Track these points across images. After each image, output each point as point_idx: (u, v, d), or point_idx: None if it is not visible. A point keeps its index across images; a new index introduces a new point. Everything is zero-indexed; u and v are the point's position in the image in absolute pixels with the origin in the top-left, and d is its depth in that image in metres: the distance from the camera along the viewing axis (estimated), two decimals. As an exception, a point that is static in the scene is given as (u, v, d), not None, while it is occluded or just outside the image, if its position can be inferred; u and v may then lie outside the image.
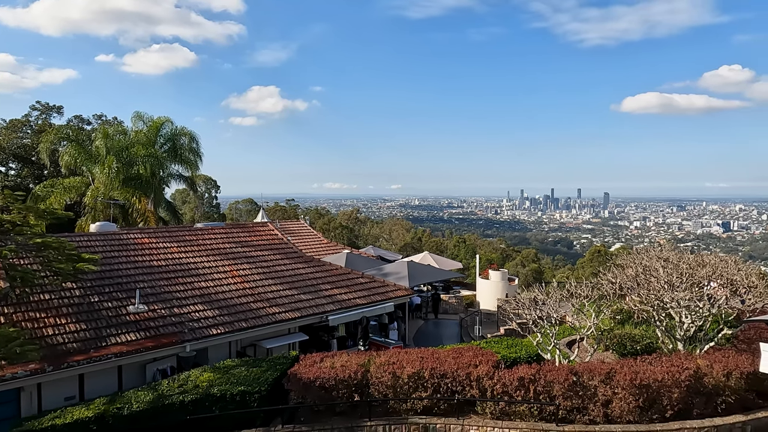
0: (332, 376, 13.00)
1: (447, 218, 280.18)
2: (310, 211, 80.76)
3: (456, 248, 74.19)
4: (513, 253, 75.63)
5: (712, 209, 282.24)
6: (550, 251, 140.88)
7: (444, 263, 34.08)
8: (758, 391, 13.22)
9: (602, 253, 58.92)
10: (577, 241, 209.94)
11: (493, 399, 12.59)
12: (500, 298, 27.16)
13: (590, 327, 15.03)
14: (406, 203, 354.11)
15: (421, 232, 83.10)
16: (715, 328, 15.38)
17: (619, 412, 12.19)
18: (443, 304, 29.94)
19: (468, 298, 30.93)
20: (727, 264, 15.73)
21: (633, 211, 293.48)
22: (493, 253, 69.80)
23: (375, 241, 69.50)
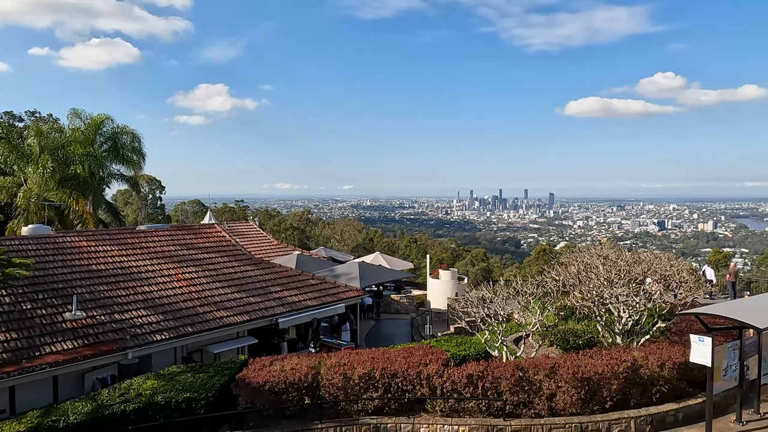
0: (282, 380, 12.83)
1: (399, 219, 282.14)
2: (260, 212, 79.40)
3: (407, 248, 74.87)
4: (463, 253, 77.04)
5: (649, 209, 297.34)
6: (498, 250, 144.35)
7: (395, 263, 34.34)
8: (689, 380, 14.00)
9: (547, 252, 60.89)
10: (524, 241, 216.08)
11: (443, 396, 12.77)
12: (450, 297, 27.60)
13: (535, 323, 15.52)
14: (358, 204, 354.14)
15: (373, 233, 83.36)
16: (650, 322, 16.19)
17: (563, 405, 12.62)
18: (394, 304, 30.16)
19: (419, 297, 31.28)
20: (661, 261, 16.61)
21: (576, 211, 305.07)
22: (444, 252, 70.87)
23: (326, 242, 69.11)
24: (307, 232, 73.23)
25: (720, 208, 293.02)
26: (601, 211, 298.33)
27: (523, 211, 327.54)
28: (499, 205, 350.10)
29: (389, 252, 65.72)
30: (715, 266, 33.55)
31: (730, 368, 13.03)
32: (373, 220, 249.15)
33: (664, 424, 12.96)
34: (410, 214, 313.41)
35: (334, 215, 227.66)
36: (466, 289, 24.98)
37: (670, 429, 12.91)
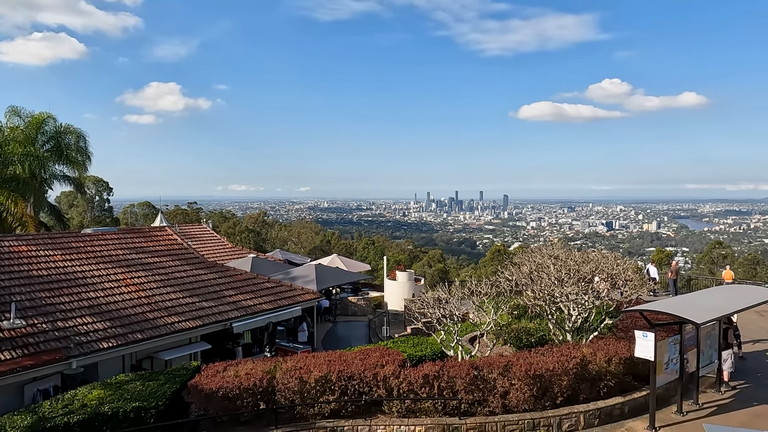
0: (236, 385, 12.57)
1: (356, 220, 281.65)
2: (214, 215, 77.57)
3: (365, 250, 74.84)
4: (420, 254, 77.66)
5: (598, 210, 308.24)
6: (455, 251, 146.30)
7: (353, 265, 34.29)
8: (634, 374, 14.60)
9: (502, 253, 62.24)
10: (480, 241, 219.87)
11: (399, 397, 12.84)
12: (407, 298, 27.79)
13: (490, 323, 15.82)
14: (315, 205, 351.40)
15: (330, 235, 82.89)
16: (598, 319, 16.79)
17: (516, 402, 12.92)
18: (352, 306, 30.09)
19: (376, 299, 31.34)
20: (608, 260, 17.26)
21: (530, 212, 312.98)
22: (401, 254, 71.23)
23: (283, 245, 68.21)
24: (263, 234, 72.07)
25: (663, 209, 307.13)
26: (553, 212, 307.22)
27: (479, 212, 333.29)
28: (456, 206, 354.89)
29: (347, 254, 65.53)
30: (659, 265, 35.20)
31: (672, 362, 13.68)
32: (331, 221, 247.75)
33: (611, 417, 13.47)
34: (368, 215, 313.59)
35: (291, 217, 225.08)
36: (422, 291, 25.21)
37: (616, 421, 13.43)
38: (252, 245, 56.65)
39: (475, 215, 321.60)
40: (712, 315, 13.46)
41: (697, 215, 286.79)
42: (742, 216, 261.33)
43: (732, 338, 16.41)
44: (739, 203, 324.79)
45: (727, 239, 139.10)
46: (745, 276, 48.18)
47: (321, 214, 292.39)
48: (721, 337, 15.85)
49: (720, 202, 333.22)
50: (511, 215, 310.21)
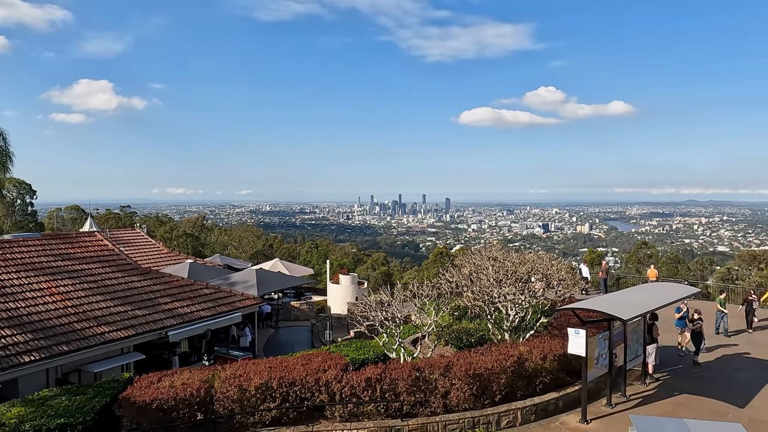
0: (172, 396, 12.08)
1: (299, 224, 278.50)
2: (150, 219, 74.49)
3: (308, 254, 74.11)
4: (364, 257, 77.75)
5: (535, 213, 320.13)
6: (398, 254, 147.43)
7: (295, 270, 33.86)
8: (568, 370, 15.22)
9: (444, 255, 63.33)
10: (423, 244, 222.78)
11: (342, 402, 12.77)
12: (350, 301, 27.72)
13: (431, 324, 16.05)
14: (257, 209, 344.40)
15: (273, 239, 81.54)
16: (534, 318, 17.41)
17: (457, 402, 13.15)
18: (294, 311, 29.69)
19: (319, 303, 31.08)
20: (543, 261, 17.95)
21: (471, 215, 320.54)
22: (345, 257, 71.06)
23: (223, 250, 66.42)
24: (201, 239, 69.87)
25: (595, 211, 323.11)
26: (493, 215, 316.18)
27: (422, 215, 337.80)
28: (399, 209, 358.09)
29: (290, 258, 64.67)
30: (591, 265, 36.92)
31: (602, 357, 14.38)
32: (273, 225, 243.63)
33: (546, 412, 13.98)
34: (311, 219, 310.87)
35: (231, 221, 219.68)
36: (365, 294, 25.24)
37: (551, 416, 13.95)
38: (190, 250, 54.81)
39: (419, 218, 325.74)
40: (637, 311, 14.26)
41: (625, 217, 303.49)
42: (665, 218, 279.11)
43: (657, 333, 17.40)
44: (663, 206, 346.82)
45: (652, 240, 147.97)
46: (668, 274, 51.46)
47: (263, 218, 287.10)
48: (646, 332, 16.83)
49: (645, 205, 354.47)
50: (453, 218, 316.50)
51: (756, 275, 46.77)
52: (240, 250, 69.31)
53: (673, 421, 10.58)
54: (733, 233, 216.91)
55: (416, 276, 56.26)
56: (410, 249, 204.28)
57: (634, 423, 10.28)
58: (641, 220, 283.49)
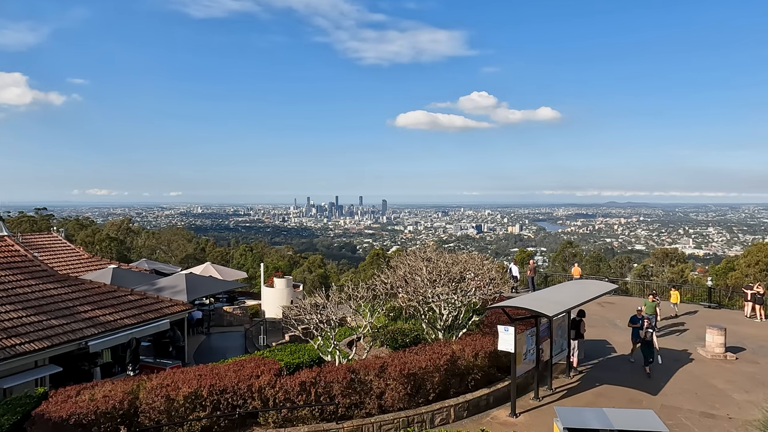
0: (92, 410, 11.39)
1: (233, 226, 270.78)
2: (69, 222, 69.96)
3: (242, 257, 72.18)
4: (300, 260, 76.74)
5: (469, 214, 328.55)
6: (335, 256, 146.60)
7: (228, 273, 32.91)
8: (498, 366, 15.76)
9: (380, 256, 63.66)
10: (360, 246, 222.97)
11: (276, 407, 12.55)
12: (285, 305, 27.28)
13: (366, 326, 16.10)
14: (187, 211, 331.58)
15: (205, 242, 78.81)
16: (467, 317, 17.87)
17: (391, 402, 13.27)
18: (227, 316, 28.85)
19: (253, 307, 30.36)
20: (474, 260, 18.47)
21: (407, 217, 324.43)
22: (281, 260, 69.84)
23: (151, 254, 63.45)
24: (127, 243, 66.39)
25: (524, 213, 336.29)
26: (429, 216, 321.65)
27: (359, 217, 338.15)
28: (336, 211, 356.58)
29: (223, 262, 62.73)
30: (520, 264, 38.38)
31: (529, 352, 14.99)
32: (205, 228, 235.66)
33: (478, 408, 14.40)
34: (246, 221, 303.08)
35: (160, 224, 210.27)
36: (301, 297, 24.95)
37: (483, 411, 14.39)
38: (114, 255, 51.94)
39: (356, 220, 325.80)
40: (561, 308, 14.97)
41: (552, 218, 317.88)
42: (589, 219, 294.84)
43: (584, 329, 18.35)
44: (586, 207, 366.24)
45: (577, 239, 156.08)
46: (590, 272, 54.41)
47: (194, 221, 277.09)
48: (570, 327, 17.73)
49: (571, 207, 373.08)
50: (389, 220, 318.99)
51: (668, 272, 50.35)
52: (169, 254, 66.44)
53: (594, 411, 11.18)
54: (649, 232, 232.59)
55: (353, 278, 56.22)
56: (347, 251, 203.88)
57: (558, 414, 10.79)
58: (567, 220, 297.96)
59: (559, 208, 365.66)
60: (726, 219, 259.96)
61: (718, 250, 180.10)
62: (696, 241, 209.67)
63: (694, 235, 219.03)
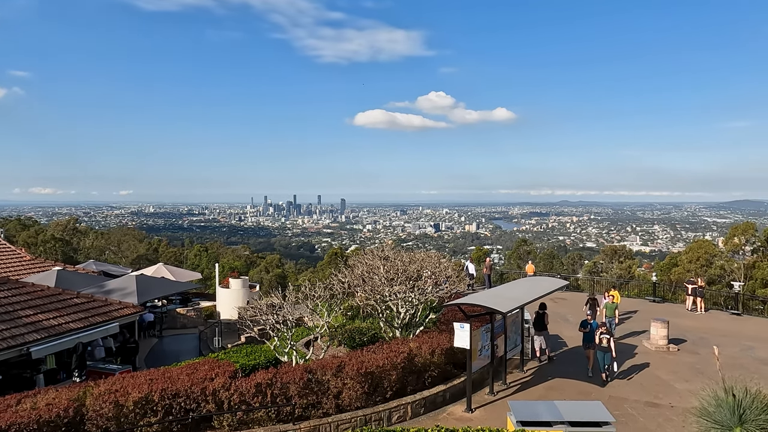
0: (34, 419, 10.86)
1: (187, 226, 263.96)
2: (10, 222, 66.53)
3: (197, 258, 70.45)
4: (258, 260, 75.62)
5: (427, 213, 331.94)
6: (293, 256, 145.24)
7: (181, 275, 32.10)
8: (454, 363, 15.99)
9: (338, 255, 63.49)
10: (318, 245, 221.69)
11: (231, 410, 12.32)
12: (241, 306, 26.83)
13: (323, 325, 16.03)
14: (139, 210, 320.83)
15: (157, 242, 76.52)
16: (424, 315, 18.06)
17: (349, 401, 13.26)
18: (181, 318, 28.13)
19: (208, 309, 29.72)
20: (431, 259, 18.68)
21: (366, 216, 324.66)
22: (237, 260, 68.60)
23: (100, 255, 61.05)
24: (74, 243, 63.68)
25: (481, 211, 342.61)
26: (388, 215, 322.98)
27: (317, 216, 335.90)
28: (294, 210, 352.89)
29: (176, 262, 61.07)
30: (477, 262, 39.09)
31: (484, 348, 15.28)
32: (158, 228, 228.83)
33: (435, 405, 14.57)
34: (200, 221, 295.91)
35: (109, 224, 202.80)
36: (257, 297, 24.59)
37: (440, 408, 14.57)
38: (60, 257, 49.75)
39: (314, 219, 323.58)
40: (515, 304, 15.35)
41: (508, 217, 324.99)
42: (543, 217, 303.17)
43: (547, 321, 18.86)
44: (540, 206, 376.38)
45: (531, 237, 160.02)
46: (544, 269, 56.03)
47: (146, 220, 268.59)
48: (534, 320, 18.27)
49: (525, 205, 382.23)
50: (348, 219, 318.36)
51: (617, 268, 52.40)
52: (119, 255, 64.13)
53: (545, 404, 11.53)
54: (599, 230, 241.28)
55: (311, 277, 55.85)
56: (306, 250, 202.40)
57: (511, 408, 11.07)
58: (522, 219, 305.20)
59: (515, 206, 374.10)
60: (670, 217, 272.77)
61: (662, 247, 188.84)
62: (642, 238, 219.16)
63: (641, 233, 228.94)
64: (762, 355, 19.63)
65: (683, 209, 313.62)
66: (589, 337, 17.09)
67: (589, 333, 17.14)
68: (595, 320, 20.87)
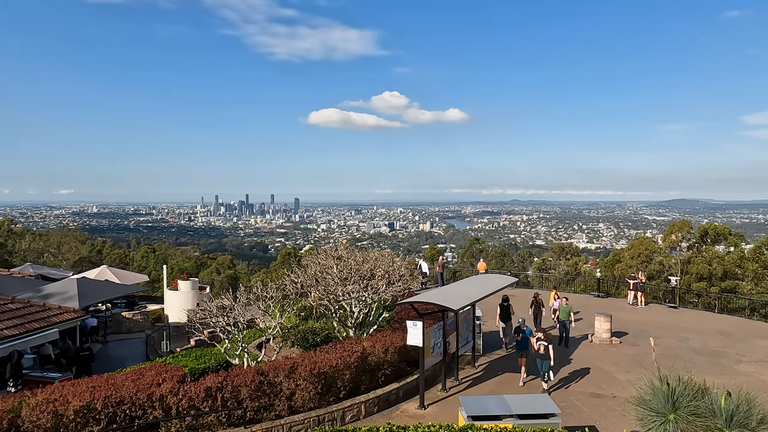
0: (-37, 433, 10.24)
1: (134, 227, 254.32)
2: (-64, 224, 62.16)
3: (144, 259, 68.08)
4: (208, 261, 73.81)
5: (381, 212, 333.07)
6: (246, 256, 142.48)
7: (127, 277, 30.96)
8: (407, 361, 16.14)
9: (292, 255, 62.81)
10: (272, 245, 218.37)
11: (179, 416, 11.98)
12: (190, 308, 26.10)
13: (276, 327, 15.83)
14: (81, 210, 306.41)
15: (101, 244, 73.45)
16: (378, 314, 18.14)
17: (302, 402, 13.16)
18: (126, 323, 27.11)
19: (156, 312, 28.78)
20: (385, 258, 18.78)
21: (320, 215, 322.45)
22: (187, 262, 66.75)
23: (38, 258, 57.94)
24: (9, 246, 60.15)
25: (435, 210, 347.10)
26: (342, 214, 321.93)
27: (270, 216, 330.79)
28: (246, 210, 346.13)
29: (122, 264, 58.75)
30: (431, 260, 39.54)
31: (437, 345, 15.49)
32: (102, 229, 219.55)
33: (388, 403, 14.66)
34: (148, 221, 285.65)
35: (48, 224, 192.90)
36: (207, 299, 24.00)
37: (393, 406, 14.67)
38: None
39: (267, 219, 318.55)
40: (466, 301, 15.65)
41: (461, 216, 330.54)
42: (494, 216, 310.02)
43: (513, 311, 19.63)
44: (492, 205, 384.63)
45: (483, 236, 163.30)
46: (496, 266, 57.33)
47: (89, 221, 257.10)
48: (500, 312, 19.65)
49: (478, 204, 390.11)
50: (302, 218, 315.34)
51: (564, 264, 54.26)
52: (59, 257, 61.07)
53: (495, 398, 11.82)
54: (548, 228, 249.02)
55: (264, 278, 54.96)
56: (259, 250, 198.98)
57: (462, 403, 11.28)
58: (474, 218, 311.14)
59: (467, 206, 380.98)
60: (614, 215, 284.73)
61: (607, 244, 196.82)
62: (588, 236, 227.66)
63: (587, 231, 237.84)
64: (696, 345, 20.81)
65: (626, 208, 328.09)
66: (523, 345, 16.21)
67: (522, 340, 16.25)
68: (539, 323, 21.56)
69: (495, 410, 10.95)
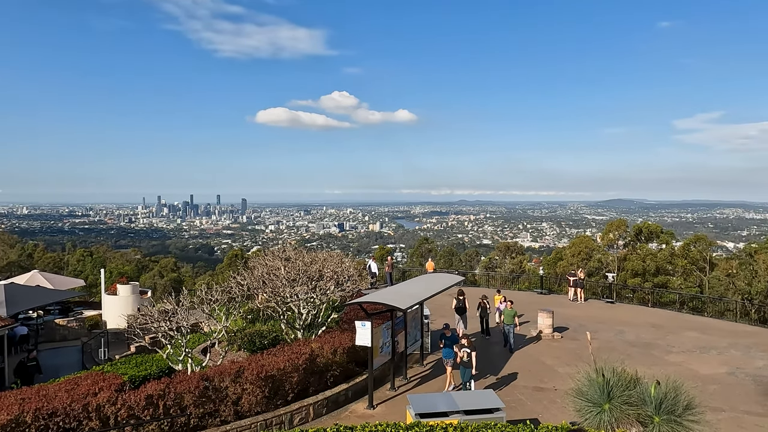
0: None
1: (69, 229, 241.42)
2: None
3: (80, 263, 64.86)
4: (150, 264, 71.22)
5: (331, 213, 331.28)
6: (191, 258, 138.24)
7: (61, 282, 29.36)
8: (356, 361, 16.14)
9: (239, 257, 61.48)
10: (218, 247, 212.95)
11: (118, 426, 11.48)
12: (130, 314, 25.06)
13: (221, 330, 15.45)
14: (9, 212, 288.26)
15: (32, 247, 69.46)
16: (327, 315, 18.03)
17: (249, 406, 12.91)
18: (60, 330, 25.68)
19: (93, 318, 27.40)
20: (333, 259, 18.70)
21: (269, 216, 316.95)
22: (127, 265, 64.13)
23: (-40, 263, 54.05)
24: (-74, 251, 55.82)
25: (384, 211, 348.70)
26: (291, 215, 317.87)
27: (217, 217, 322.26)
28: (191, 211, 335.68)
29: (56, 269, 55.80)
30: (380, 260, 39.69)
31: (386, 345, 15.59)
32: (33, 231, 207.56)
33: (337, 404, 14.61)
34: (84, 223, 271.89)
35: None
36: (149, 304, 23.12)
37: (342, 406, 14.64)
38: None
39: (213, 220, 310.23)
40: (414, 301, 15.80)
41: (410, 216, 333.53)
42: (443, 216, 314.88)
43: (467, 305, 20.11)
44: (440, 205, 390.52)
45: (432, 236, 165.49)
46: (444, 265, 58.25)
47: (19, 223, 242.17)
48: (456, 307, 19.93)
49: (426, 205, 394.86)
50: (250, 219, 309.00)
51: (510, 263, 55.81)
52: (-15, 262, 57.16)
53: (442, 395, 12.02)
54: (494, 228, 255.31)
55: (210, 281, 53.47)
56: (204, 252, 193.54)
57: (410, 402, 11.41)
58: (423, 218, 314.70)
59: (416, 206, 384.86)
60: (556, 215, 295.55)
61: (550, 243, 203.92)
62: (533, 235, 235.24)
63: (531, 230, 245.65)
64: (630, 338, 21.91)
65: (567, 207, 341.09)
66: (448, 353, 15.44)
67: (447, 348, 15.55)
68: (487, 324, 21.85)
69: (442, 407, 11.13)
